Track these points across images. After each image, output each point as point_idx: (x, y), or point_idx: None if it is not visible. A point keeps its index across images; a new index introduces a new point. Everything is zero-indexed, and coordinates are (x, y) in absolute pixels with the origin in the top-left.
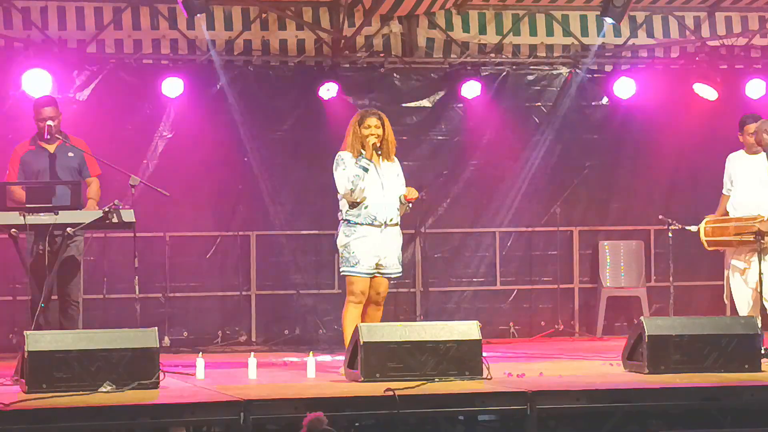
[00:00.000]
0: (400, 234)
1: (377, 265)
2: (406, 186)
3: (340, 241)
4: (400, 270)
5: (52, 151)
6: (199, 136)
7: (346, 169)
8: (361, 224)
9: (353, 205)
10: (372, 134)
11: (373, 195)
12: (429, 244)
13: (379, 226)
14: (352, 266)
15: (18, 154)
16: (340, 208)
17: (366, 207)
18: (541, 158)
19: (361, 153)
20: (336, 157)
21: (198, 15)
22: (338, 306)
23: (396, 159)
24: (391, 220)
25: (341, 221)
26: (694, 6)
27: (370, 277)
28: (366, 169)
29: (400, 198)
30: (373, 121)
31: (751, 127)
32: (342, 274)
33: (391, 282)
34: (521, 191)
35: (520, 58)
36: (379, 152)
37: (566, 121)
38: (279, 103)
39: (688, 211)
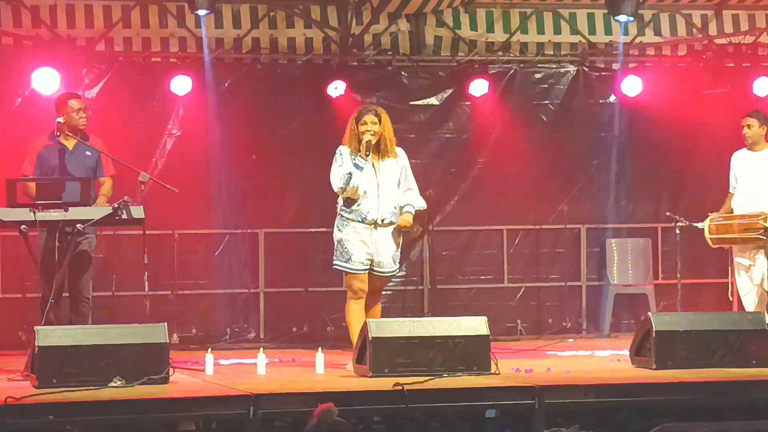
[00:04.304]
0: (398, 234)
1: (370, 262)
2: (416, 181)
3: (335, 235)
4: (396, 268)
5: (70, 148)
6: (208, 133)
7: (342, 166)
8: (354, 220)
9: (347, 200)
10: (368, 131)
11: (368, 194)
12: (436, 241)
13: (371, 224)
14: (345, 261)
15: (36, 149)
16: (337, 201)
17: (359, 204)
18: (548, 156)
19: (358, 150)
20: (336, 151)
21: (202, 12)
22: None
23: (401, 153)
24: (383, 220)
25: (337, 214)
26: (701, 4)
27: (365, 273)
28: (360, 168)
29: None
30: (370, 117)
31: (749, 121)
32: (334, 268)
33: (394, 278)
34: (529, 189)
35: (528, 56)
36: (368, 153)
37: (574, 119)
38: (287, 101)
39: (696, 208)
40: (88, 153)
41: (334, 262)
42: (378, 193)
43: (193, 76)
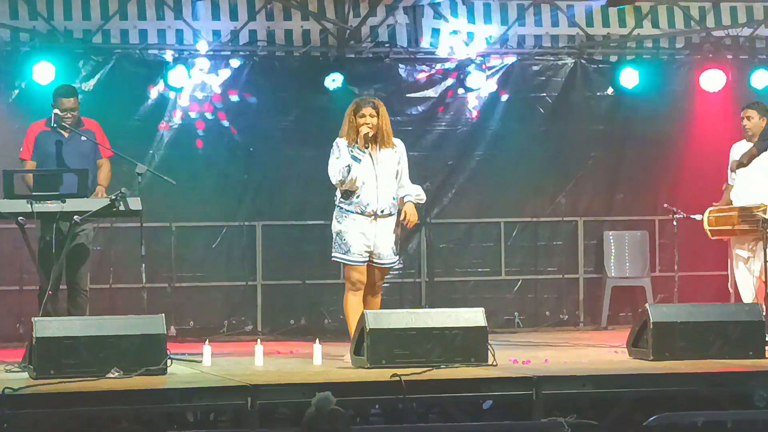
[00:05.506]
0: (396, 225)
1: (370, 254)
2: (414, 174)
3: (333, 227)
4: (395, 260)
5: (66, 135)
6: (205, 126)
7: (339, 158)
8: (353, 212)
9: (346, 192)
10: (366, 124)
11: (366, 185)
12: (434, 234)
13: (370, 216)
14: (344, 253)
15: (34, 133)
16: (335, 193)
17: (358, 196)
18: (546, 149)
19: (356, 142)
20: (333, 144)
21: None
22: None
23: (399, 144)
24: (383, 211)
25: (336, 206)
26: None
27: (364, 265)
28: (358, 160)
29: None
30: (368, 110)
31: (748, 112)
32: (333, 260)
33: (392, 271)
34: (526, 182)
35: (525, 48)
36: (368, 146)
37: (571, 111)
38: (284, 93)
39: (693, 200)
40: (83, 138)
41: (333, 254)
42: (377, 184)
43: (189, 68)
